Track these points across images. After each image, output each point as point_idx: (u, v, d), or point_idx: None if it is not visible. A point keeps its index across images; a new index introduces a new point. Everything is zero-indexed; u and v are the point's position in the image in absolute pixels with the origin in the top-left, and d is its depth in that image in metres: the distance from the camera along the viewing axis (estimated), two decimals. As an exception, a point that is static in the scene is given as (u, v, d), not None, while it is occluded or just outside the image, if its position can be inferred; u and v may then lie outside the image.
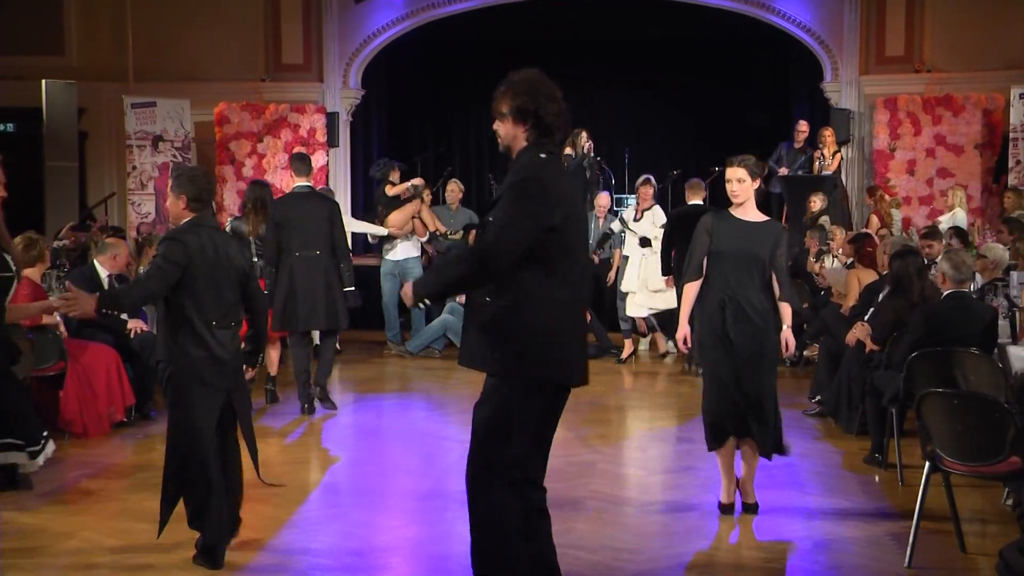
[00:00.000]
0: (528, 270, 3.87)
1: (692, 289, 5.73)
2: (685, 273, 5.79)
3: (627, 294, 11.09)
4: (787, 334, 5.65)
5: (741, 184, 5.64)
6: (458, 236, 12.27)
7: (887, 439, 6.70)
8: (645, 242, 10.89)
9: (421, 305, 4.02)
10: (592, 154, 12.73)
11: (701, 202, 12.12)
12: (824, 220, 12.15)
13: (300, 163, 8.79)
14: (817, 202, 12.30)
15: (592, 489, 6.38)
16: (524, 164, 4.01)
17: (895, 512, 5.88)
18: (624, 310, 11.19)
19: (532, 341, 3.87)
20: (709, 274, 5.65)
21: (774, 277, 5.61)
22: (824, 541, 5.43)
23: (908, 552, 5.02)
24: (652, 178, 11.56)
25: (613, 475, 6.85)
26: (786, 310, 5.63)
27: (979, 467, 5.01)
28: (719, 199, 12.39)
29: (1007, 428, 4.78)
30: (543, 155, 4.00)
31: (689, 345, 5.83)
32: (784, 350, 5.65)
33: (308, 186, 8.61)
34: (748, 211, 5.69)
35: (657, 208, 11.34)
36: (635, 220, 11.19)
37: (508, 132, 4.06)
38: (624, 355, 11.23)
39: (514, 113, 4.02)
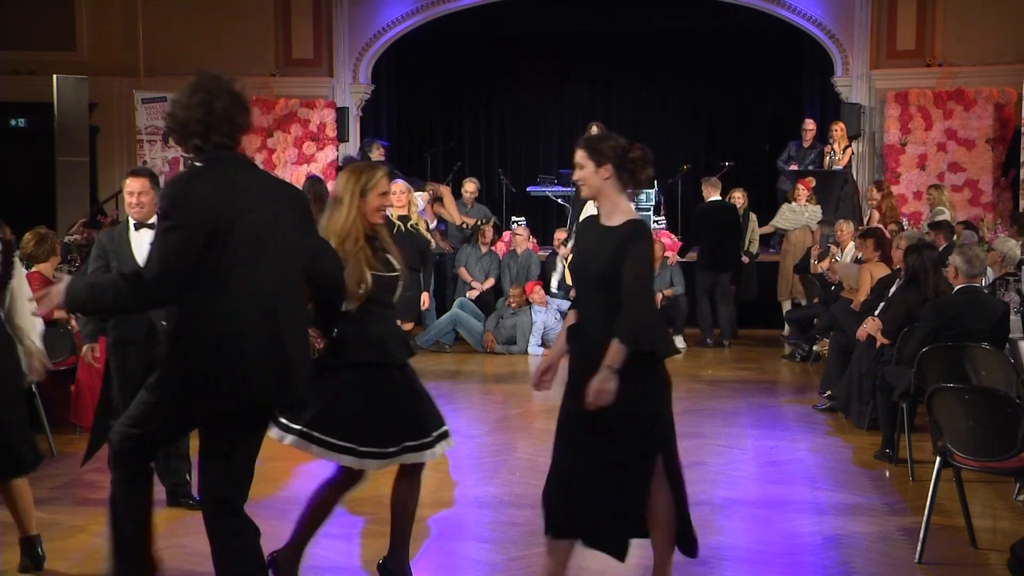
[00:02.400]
0: (194, 290, 3.59)
1: (567, 322, 4.34)
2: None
3: None
4: (595, 382, 3.95)
5: (581, 171, 4.16)
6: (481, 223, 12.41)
7: (898, 434, 6.68)
8: None
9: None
10: None
11: (719, 197, 12.15)
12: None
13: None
14: (740, 198, 12.43)
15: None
16: (169, 183, 3.81)
17: (906, 507, 5.87)
18: None
19: (198, 363, 3.61)
20: None
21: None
22: (834, 536, 5.42)
23: (919, 547, 5.01)
24: None
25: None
26: (612, 348, 3.96)
27: (990, 462, 5.00)
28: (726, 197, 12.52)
29: (1018, 423, 4.77)
30: (197, 164, 3.75)
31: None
32: (591, 398, 3.96)
33: None
34: (611, 211, 4.16)
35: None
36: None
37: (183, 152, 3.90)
38: None
39: (175, 131, 3.80)
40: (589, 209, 7.86)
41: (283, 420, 4.29)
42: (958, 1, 14.44)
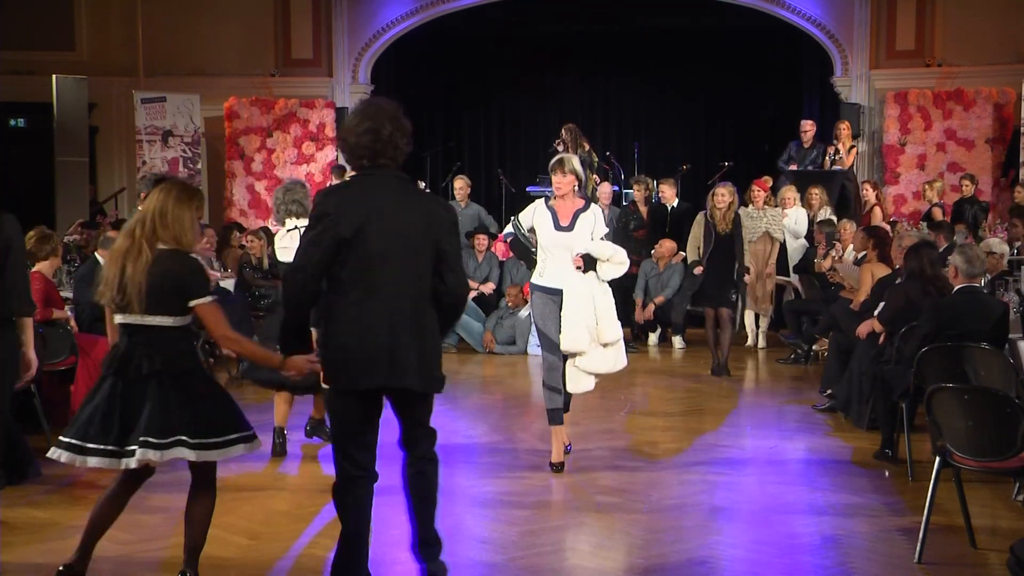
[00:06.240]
0: (330, 290, 4.23)
1: None
2: None
3: (567, 357, 6.52)
4: None
5: None
6: None
7: (897, 434, 6.68)
8: (590, 263, 6.40)
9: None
10: (586, 147, 12.65)
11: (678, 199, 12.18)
12: (831, 215, 12.11)
13: (338, 172, 10.25)
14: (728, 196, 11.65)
15: (602, 484, 6.38)
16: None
17: (905, 507, 5.87)
18: (556, 380, 6.55)
19: (332, 354, 4.25)
20: None
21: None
22: (834, 536, 5.42)
23: (918, 547, 5.01)
24: (572, 157, 6.69)
25: (622, 470, 6.84)
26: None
27: (990, 462, 5.00)
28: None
29: (1018, 423, 4.77)
30: (346, 178, 4.39)
31: None
32: None
33: None
34: None
35: (596, 208, 6.59)
36: (561, 229, 6.42)
37: None
38: (554, 458, 6.62)
39: (345, 152, 4.43)
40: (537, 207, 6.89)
41: None
42: (958, 1, 14.47)
